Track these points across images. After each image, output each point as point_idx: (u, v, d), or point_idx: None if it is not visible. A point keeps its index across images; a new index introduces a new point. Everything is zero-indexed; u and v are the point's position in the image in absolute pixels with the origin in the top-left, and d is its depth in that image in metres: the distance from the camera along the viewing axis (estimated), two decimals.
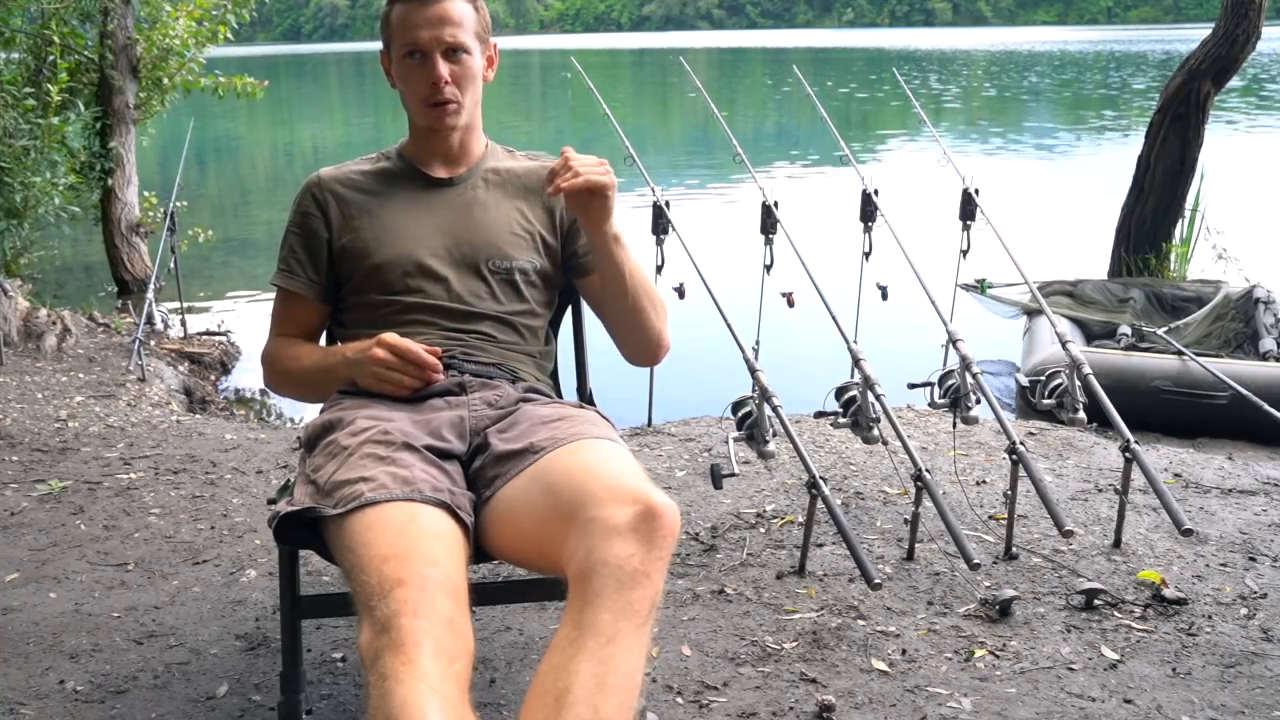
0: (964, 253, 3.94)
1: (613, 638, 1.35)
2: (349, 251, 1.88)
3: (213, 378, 5.17)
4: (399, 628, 1.33)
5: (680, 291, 3.73)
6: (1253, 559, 2.63)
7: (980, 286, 5.34)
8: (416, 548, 1.43)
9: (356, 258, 1.87)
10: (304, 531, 1.61)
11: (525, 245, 1.91)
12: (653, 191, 3.46)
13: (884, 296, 4.11)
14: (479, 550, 1.62)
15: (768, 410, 2.43)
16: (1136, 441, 2.61)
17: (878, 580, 2.23)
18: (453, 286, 1.86)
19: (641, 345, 1.94)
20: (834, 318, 2.85)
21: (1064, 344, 2.81)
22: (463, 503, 1.58)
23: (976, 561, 2.33)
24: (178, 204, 5.62)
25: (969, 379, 2.64)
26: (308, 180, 1.96)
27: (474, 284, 1.87)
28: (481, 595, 1.56)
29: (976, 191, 3.83)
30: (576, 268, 1.98)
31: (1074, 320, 5.06)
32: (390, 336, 1.76)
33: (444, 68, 1.81)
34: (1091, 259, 6.27)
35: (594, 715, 1.30)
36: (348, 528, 1.50)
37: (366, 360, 1.76)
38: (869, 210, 3.96)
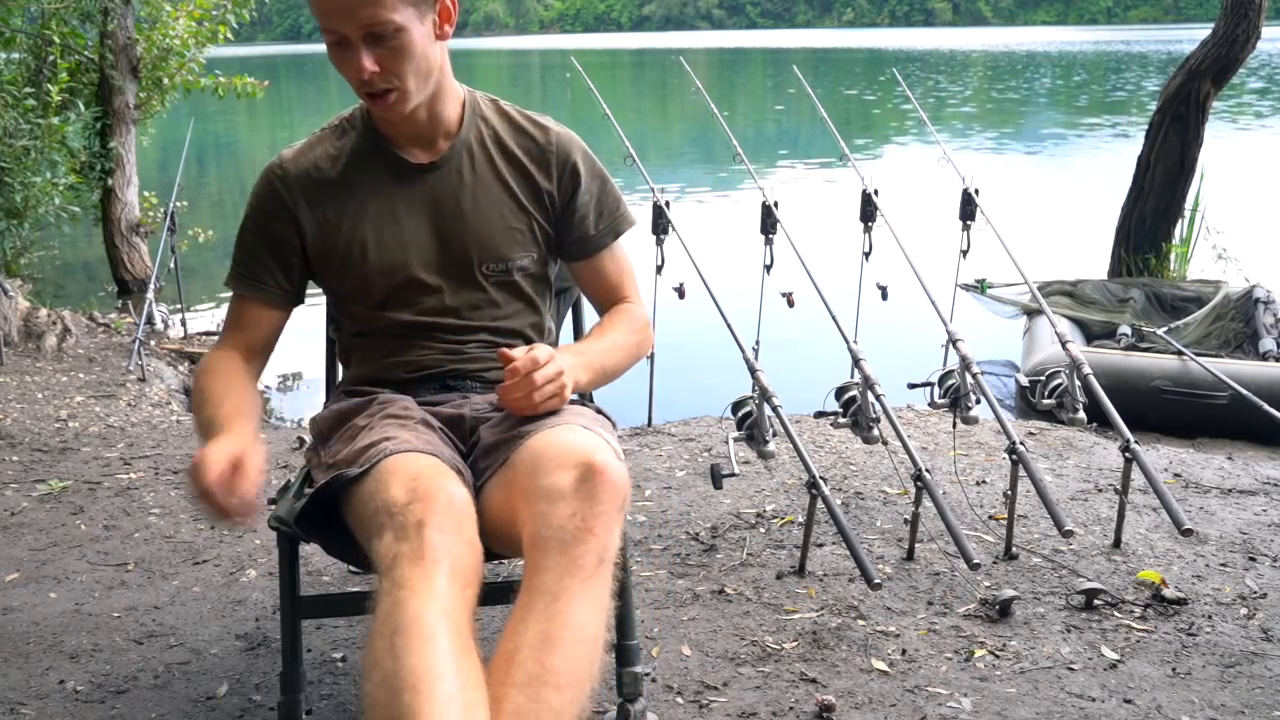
0: (964, 253, 3.94)
1: (558, 594, 1.37)
2: (329, 259, 1.74)
3: None
4: (421, 538, 1.33)
5: (680, 291, 3.73)
6: (1253, 559, 2.63)
7: (980, 286, 5.33)
8: (440, 482, 1.44)
9: (340, 267, 1.73)
10: (319, 527, 1.62)
11: (521, 238, 1.76)
12: (653, 191, 3.46)
13: (884, 296, 4.11)
14: None
15: (768, 410, 2.43)
16: (1136, 441, 2.61)
17: (878, 580, 2.23)
18: (447, 300, 1.75)
19: None
20: (834, 318, 2.85)
21: (1064, 344, 2.81)
22: (470, 487, 1.58)
23: (976, 561, 2.34)
24: (178, 204, 5.63)
25: (969, 379, 2.64)
26: (268, 170, 1.74)
27: (470, 294, 1.76)
28: (482, 595, 1.56)
29: (976, 191, 3.83)
30: (565, 253, 1.84)
31: (1074, 320, 5.06)
32: (205, 463, 1.44)
33: (368, 58, 1.57)
34: (1091, 259, 6.26)
35: (540, 669, 1.31)
36: (371, 477, 1.48)
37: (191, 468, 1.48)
38: (869, 210, 3.96)
